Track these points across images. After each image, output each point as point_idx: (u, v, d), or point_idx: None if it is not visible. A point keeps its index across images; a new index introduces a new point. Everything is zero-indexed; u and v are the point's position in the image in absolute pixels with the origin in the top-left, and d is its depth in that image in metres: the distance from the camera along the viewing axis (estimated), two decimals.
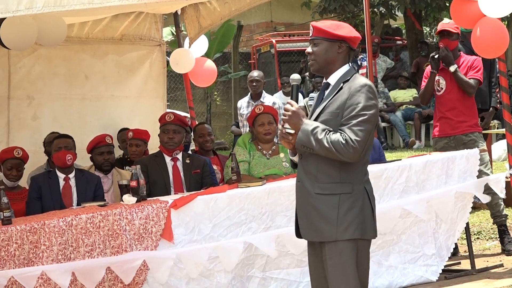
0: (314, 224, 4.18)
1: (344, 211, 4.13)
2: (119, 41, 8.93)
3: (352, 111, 4.10)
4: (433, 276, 6.68)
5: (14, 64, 8.34)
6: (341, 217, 4.12)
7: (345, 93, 4.15)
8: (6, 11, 5.42)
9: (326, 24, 4.26)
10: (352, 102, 4.11)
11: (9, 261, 5.28)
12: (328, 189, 4.15)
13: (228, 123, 18.92)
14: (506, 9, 6.74)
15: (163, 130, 7.03)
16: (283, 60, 17.59)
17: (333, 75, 4.26)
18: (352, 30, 4.27)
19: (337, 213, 4.13)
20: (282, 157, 7.08)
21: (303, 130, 4.13)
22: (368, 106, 4.11)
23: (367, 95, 4.12)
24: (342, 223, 4.12)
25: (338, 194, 4.15)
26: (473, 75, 7.52)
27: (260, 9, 20.75)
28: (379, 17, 17.39)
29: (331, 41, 4.22)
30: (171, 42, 15.44)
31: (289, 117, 4.19)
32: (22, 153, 7.08)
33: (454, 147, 7.47)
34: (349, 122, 4.10)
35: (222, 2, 8.46)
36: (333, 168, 4.14)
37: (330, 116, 4.16)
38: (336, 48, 4.24)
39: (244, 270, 5.94)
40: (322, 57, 4.25)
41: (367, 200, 4.20)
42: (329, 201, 4.14)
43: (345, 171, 4.15)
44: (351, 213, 4.14)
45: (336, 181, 4.15)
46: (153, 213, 5.67)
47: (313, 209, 4.17)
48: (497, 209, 7.57)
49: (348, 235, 4.12)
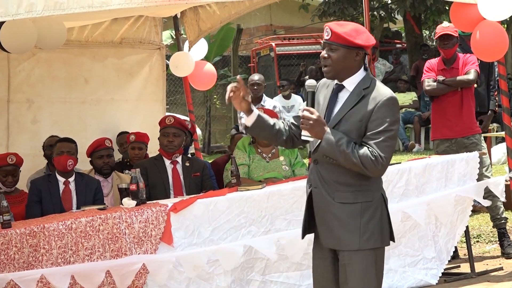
0: (335, 233, 4.11)
1: (366, 220, 4.09)
2: (119, 45, 8.92)
3: (379, 125, 4.01)
4: (432, 279, 6.68)
5: (13, 67, 8.33)
6: (364, 226, 4.08)
7: (371, 104, 4.05)
8: (5, 15, 5.42)
9: (345, 30, 4.10)
10: (379, 116, 4.02)
11: (9, 264, 5.27)
12: (350, 198, 4.09)
13: (228, 126, 18.92)
14: (505, 12, 6.74)
15: (163, 133, 7.03)
16: (283, 63, 17.60)
17: (349, 80, 4.15)
18: (369, 36, 4.15)
19: (359, 222, 4.08)
20: (282, 160, 7.09)
21: (328, 140, 4.02)
22: (395, 121, 4.04)
23: (394, 109, 4.04)
24: (365, 233, 4.08)
25: (359, 203, 4.09)
26: (470, 67, 7.57)
27: (260, 12, 20.75)
28: (378, 21, 17.40)
29: (350, 48, 4.10)
30: (170, 45, 15.40)
31: (311, 126, 4.03)
32: (16, 159, 7.06)
33: (455, 150, 7.48)
34: (377, 138, 4.01)
35: (222, 6, 8.47)
36: (354, 176, 4.08)
37: (352, 126, 4.06)
38: (353, 55, 4.12)
39: (244, 273, 5.93)
40: (340, 64, 4.12)
41: (384, 207, 4.18)
42: (352, 210, 4.09)
43: (364, 179, 4.09)
44: (373, 222, 4.10)
45: (356, 190, 4.09)
46: (153, 217, 5.67)
47: (334, 218, 4.11)
48: (496, 212, 7.57)
49: (370, 244, 4.09)
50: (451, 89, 7.57)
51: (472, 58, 7.65)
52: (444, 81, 7.58)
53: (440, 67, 7.71)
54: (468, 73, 7.57)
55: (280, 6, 21.01)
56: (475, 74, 7.57)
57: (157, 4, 5.87)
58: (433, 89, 7.65)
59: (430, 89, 7.67)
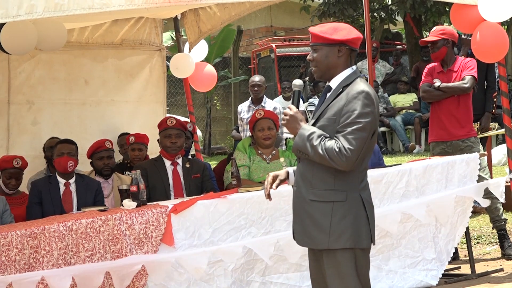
0: (307, 231, 4.15)
1: (337, 220, 4.08)
2: (119, 46, 8.93)
3: (347, 118, 4.05)
4: (433, 280, 6.68)
5: (14, 69, 8.34)
6: (334, 226, 4.08)
7: (343, 99, 4.09)
8: (6, 16, 5.43)
9: (323, 29, 4.18)
10: (348, 109, 4.05)
11: (10, 266, 5.27)
12: (322, 196, 4.11)
13: (228, 128, 18.93)
14: (506, 14, 6.75)
15: (165, 135, 7.02)
16: (283, 64, 17.59)
17: (335, 79, 4.20)
18: (350, 31, 4.17)
19: (329, 221, 4.08)
20: (282, 162, 7.09)
21: (300, 135, 4.11)
22: (364, 113, 4.04)
23: (364, 102, 4.04)
24: (335, 232, 4.08)
25: (331, 202, 4.10)
26: (467, 73, 7.53)
27: (260, 13, 20.77)
28: (378, 22, 17.39)
29: (330, 45, 4.15)
30: (171, 47, 15.46)
31: (287, 121, 4.17)
32: (21, 162, 7.08)
33: (451, 153, 7.46)
34: (344, 130, 4.04)
35: (222, 7, 8.47)
36: (328, 174, 4.10)
37: (327, 122, 4.12)
38: (336, 52, 4.16)
39: (244, 274, 5.94)
40: (323, 63, 4.18)
41: (362, 208, 4.13)
42: (323, 208, 4.10)
43: (340, 178, 4.10)
44: (344, 221, 4.08)
45: (330, 188, 4.10)
46: (153, 218, 5.67)
47: (307, 216, 4.14)
48: (496, 213, 7.57)
49: (340, 244, 4.07)
50: (447, 95, 7.54)
51: (471, 63, 7.59)
52: (440, 87, 7.54)
53: (438, 69, 7.70)
54: (464, 79, 7.52)
55: (281, 7, 21.06)
56: (472, 82, 7.51)
57: (158, 6, 5.88)
58: (429, 95, 7.65)
59: (426, 96, 7.69)
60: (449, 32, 7.65)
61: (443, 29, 7.69)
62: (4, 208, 6.46)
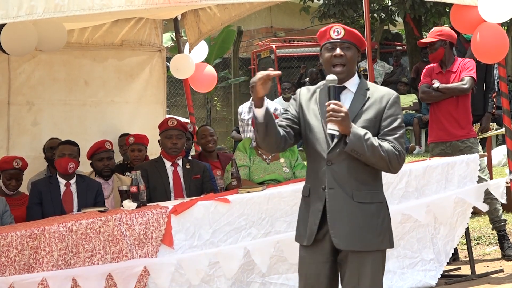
0: (356, 233, 4.08)
1: (381, 221, 4.13)
2: (119, 47, 8.94)
3: (393, 122, 4.11)
4: (432, 280, 6.68)
5: (14, 69, 8.34)
6: (380, 227, 4.12)
7: (382, 102, 4.13)
8: (6, 17, 5.43)
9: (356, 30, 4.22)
10: (392, 113, 4.12)
11: (10, 266, 5.27)
12: (367, 197, 4.11)
13: (228, 128, 18.92)
14: (506, 14, 6.75)
15: (166, 136, 7.02)
16: (283, 65, 17.60)
17: (350, 81, 4.19)
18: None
19: (376, 223, 4.11)
20: (282, 162, 7.09)
21: (355, 134, 4.02)
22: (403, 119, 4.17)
23: (400, 107, 4.17)
24: (381, 234, 4.12)
25: (375, 203, 4.13)
26: (466, 74, 7.52)
27: (260, 14, 20.77)
28: (378, 23, 17.39)
29: (358, 49, 4.21)
30: (171, 47, 15.46)
31: (342, 119, 4.00)
32: (21, 163, 7.09)
33: (450, 153, 7.46)
34: (395, 133, 4.10)
35: (222, 8, 8.47)
36: (370, 176, 4.12)
37: (368, 123, 4.10)
38: (357, 56, 4.22)
39: (244, 275, 5.94)
40: (353, 64, 4.20)
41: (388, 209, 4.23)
42: (370, 210, 4.10)
43: (378, 180, 4.17)
44: (386, 222, 4.15)
45: (372, 190, 4.13)
46: (153, 219, 5.67)
47: (354, 217, 4.08)
48: (496, 214, 7.57)
49: (384, 245, 4.14)
50: (445, 96, 7.52)
51: (470, 64, 7.57)
52: (439, 89, 7.53)
53: (437, 70, 7.68)
54: (463, 80, 7.51)
55: (281, 8, 21.06)
56: (471, 83, 7.49)
57: (158, 6, 5.88)
58: (428, 96, 7.64)
59: (425, 97, 7.68)
60: (447, 33, 7.62)
61: (441, 30, 7.67)
62: (4, 209, 6.46)
